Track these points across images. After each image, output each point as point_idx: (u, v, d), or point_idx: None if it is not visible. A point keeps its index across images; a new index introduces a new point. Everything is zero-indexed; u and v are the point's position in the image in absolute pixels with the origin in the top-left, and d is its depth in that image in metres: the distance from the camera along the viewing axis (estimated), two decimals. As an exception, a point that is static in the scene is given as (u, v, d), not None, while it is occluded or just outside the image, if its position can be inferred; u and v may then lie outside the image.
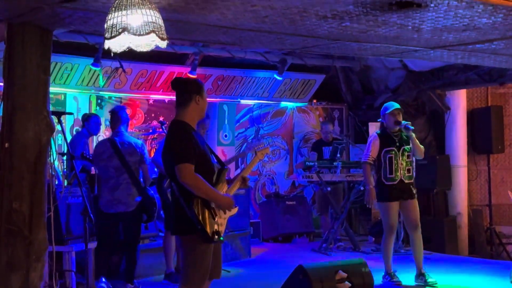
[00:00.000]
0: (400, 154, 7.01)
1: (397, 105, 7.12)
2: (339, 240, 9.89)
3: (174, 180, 4.33)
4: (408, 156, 7.07)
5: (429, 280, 7.02)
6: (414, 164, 7.18)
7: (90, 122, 8.22)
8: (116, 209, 6.72)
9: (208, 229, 4.23)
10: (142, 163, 6.80)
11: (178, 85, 4.57)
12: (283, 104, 11.64)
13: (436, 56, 6.70)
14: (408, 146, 7.06)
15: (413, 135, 7.05)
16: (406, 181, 7.01)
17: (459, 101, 11.23)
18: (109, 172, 6.75)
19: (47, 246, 4.48)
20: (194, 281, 4.34)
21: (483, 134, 11.15)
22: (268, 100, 11.43)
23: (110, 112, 7.14)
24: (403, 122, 7.04)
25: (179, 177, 4.23)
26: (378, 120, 7.29)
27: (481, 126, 11.19)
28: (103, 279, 6.75)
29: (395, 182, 6.98)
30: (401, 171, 7.00)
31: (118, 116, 6.89)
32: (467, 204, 11.21)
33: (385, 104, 7.22)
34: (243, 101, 11.20)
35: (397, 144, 7.03)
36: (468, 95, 11.40)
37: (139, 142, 6.96)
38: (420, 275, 7.09)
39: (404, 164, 7.03)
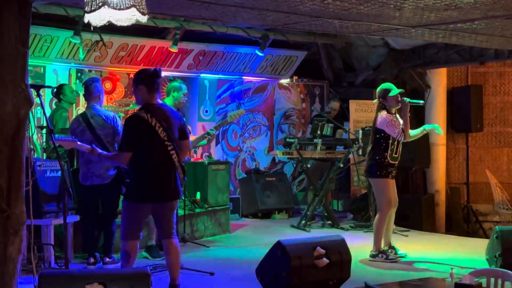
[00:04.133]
0: None
1: (399, 90, 7.26)
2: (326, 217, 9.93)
3: (176, 151, 5.29)
4: None
5: (399, 252, 7.40)
6: None
7: (65, 93, 8.13)
8: (91, 182, 6.76)
9: None
10: (116, 135, 6.74)
11: None
12: (265, 79, 11.63)
13: (417, 34, 6.71)
14: None
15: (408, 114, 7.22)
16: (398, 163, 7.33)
17: (439, 79, 11.29)
18: None
19: (25, 220, 4.45)
20: None
21: (463, 113, 11.23)
22: (249, 76, 11.41)
23: (82, 85, 7.11)
24: (405, 99, 7.21)
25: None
26: (374, 101, 7.39)
27: (461, 105, 11.27)
28: (98, 255, 6.85)
29: (397, 162, 7.24)
30: (400, 154, 7.29)
31: (89, 91, 6.89)
32: (445, 182, 11.33)
33: (384, 86, 7.30)
34: (224, 77, 11.16)
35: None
36: (448, 74, 11.46)
37: (111, 114, 6.91)
38: (390, 248, 7.37)
39: (401, 145, 7.29)
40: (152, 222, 7.44)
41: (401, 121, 7.21)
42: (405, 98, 7.21)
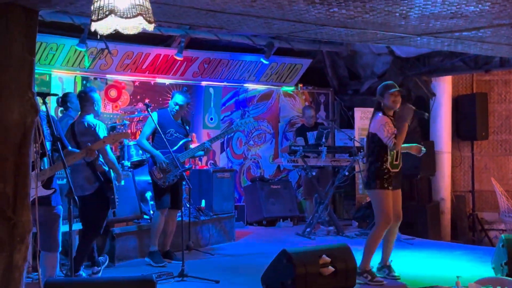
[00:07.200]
0: None
1: (397, 87, 6.62)
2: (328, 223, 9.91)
3: None
4: None
5: (396, 274, 6.67)
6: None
7: (72, 101, 8.06)
8: (76, 193, 6.54)
9: None
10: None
11: None
12: (270, 87, 11.64)
13: (423, 43, 6.70)
14: None
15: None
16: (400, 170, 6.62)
17: (445, 87, 11.28)
18: None
19: (31, 228, 4.46)
20: None
21: (468, 120, 11.22)
22: (254, 84, 11.42)
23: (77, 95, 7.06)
24: (418, 111, 6.53)
25: None
26: (374, 99, 6.87)
27: (466, 112, 11.26)
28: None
29: (398, 170, 6.57)
30: (401, 159, 6.62)
31: (79, 100, 6.80)
32: (450, 190, 11.31)
33: (385, 83, 6.69)
34: (229, 85, 11.17)
35: None
36: (453, 82, 11.45)
37: (95, 121, 6.59)
38: (385, 267, 6.74)
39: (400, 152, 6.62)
40: (155, 227, 7.47)
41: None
42: (411, 105, 6.55)
